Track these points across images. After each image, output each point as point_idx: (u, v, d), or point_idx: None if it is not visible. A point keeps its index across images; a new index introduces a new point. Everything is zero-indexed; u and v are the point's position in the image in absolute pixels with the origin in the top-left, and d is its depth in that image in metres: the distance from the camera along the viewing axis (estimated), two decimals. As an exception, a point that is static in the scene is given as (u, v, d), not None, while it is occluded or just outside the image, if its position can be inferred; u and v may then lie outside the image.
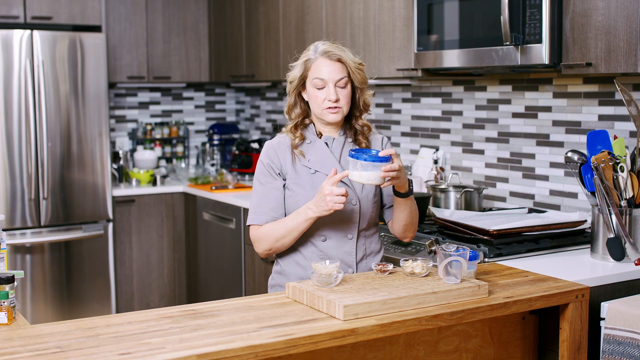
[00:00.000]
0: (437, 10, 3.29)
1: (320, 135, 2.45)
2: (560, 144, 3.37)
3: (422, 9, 3.36)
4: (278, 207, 2.40)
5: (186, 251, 5.19)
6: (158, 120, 5.71)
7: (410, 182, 2.35)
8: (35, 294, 4.66)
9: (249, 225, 2.44)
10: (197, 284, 5.06)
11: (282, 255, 2.48)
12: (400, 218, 2.42)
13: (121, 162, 5.22)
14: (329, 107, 2.35)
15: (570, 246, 2.91)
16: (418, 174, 4.02)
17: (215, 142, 5.64)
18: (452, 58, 3.24)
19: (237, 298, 2.17)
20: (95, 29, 4.88)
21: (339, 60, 2.35)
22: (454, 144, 3.95)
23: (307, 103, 2.43)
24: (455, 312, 2.02)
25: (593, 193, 2.69)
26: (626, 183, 2.63)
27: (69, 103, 4.67)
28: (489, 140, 3.74)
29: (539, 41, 2.85)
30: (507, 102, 3.63)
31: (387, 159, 2.20)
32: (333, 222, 2.38)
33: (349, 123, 2.46)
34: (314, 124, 2.46)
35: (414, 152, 4.19)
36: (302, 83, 2.40)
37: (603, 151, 2.64)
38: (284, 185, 2.42)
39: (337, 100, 2.34)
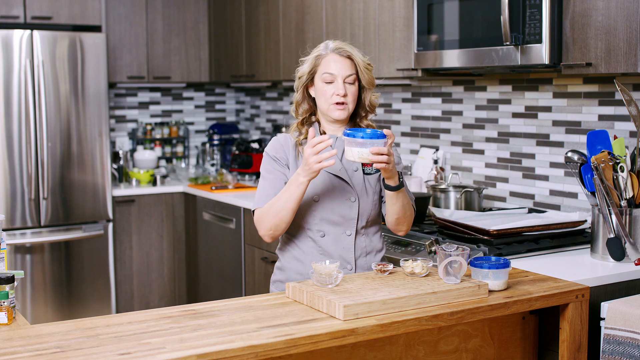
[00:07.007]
0: (437, 10, 3.29)
1: (323, 133, 2.47)
2: (560, 144, 3.37)
3: (422, 9, 3.36)
4: None
5: (186, 251, 5.18)
6: (158, 120, 5.71)
7: (400, 174, 2.34)
8: (35, 294, 4.66)
9: (253, 212, 2.45)
10: (197, 284, 5.05)
11: (283, 251, 2.51)
12: (392, 212, 2.41)
13: (121, 162, 5.21)
14: (337, 103, 2.39)
15: (570, 246, 2.91)
16: (418, 174, 4.02)
17: (215, 142, 5.63)
18: (452, 58, 3.24)
19: (237, 298, 2.17)
20: (95, 29, 4.88)
21: (349, 58, 2.40)
22: (454, 144, 3.95)
23: (313, 100, 2.46)
24: (455, 312, 2.02)
25: (593, 193, 2.69)
26: (626, 183, 2.63)
27: (69, 103, 4.67)
28: (489, 140, 3.74)
29: (539, 41, 2.84)
30: (507, 102, 3.63)
31: (382, 138, 2.18)
32: (332, 217, 2.40)
33: (353, 123, 2.49)
34: (319, 122, 2.49)
35: (414, 152, 4.19)
36: (310, 79, 2.44)
37: (603, 151, 2.64)
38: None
39: (344, 95, 2.38)
